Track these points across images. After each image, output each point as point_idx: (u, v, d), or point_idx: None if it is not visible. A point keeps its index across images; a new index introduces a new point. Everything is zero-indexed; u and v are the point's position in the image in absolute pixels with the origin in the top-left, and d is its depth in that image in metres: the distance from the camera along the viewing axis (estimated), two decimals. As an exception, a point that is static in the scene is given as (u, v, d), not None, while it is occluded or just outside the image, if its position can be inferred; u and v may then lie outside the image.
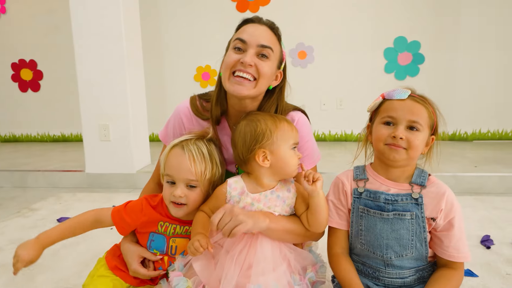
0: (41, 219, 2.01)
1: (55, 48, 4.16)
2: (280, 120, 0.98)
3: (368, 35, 3.83)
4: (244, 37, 0.99)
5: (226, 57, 1.03)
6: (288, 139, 0.96)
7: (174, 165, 0.98)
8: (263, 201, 0.96)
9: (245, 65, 0.97)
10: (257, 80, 1.00)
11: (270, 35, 1.02)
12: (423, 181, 0.93)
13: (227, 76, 1.01)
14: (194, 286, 0.91)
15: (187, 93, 4.28)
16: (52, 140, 4.43)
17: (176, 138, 1.14)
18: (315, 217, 0.95)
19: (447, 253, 0.90)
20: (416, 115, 0.90)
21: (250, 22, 1.04)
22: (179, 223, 1.04)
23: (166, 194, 0.99)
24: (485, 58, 3.72)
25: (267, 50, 0.99)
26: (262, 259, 0.92)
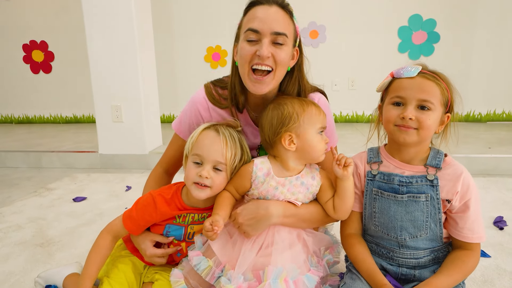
0: (58, 198, 2.07)
1: (65, 29, 4.15)
2: (307, 103, 0.96)
3: (382, 13, 3.72)
4: (255, 26, 0.94)
5: (241, 50, 0.98)
6: (315, 123, 0.95)
7: (206, 145, 0.96)
8: (287, 186, 0.96)
9: (262, 58, 0.93)
10: (275, 69, 0.97)
11: (282, 16, 0.96)
12: (438, 162, 0.90)
13: (246, 71, 0.98)
14: (215, 266, 0.92)
15: (197, 74, 4.27)
16: (64, 121, 4.49)
17: (190, 129, 1.14)
18: (343, 202, 0.95)
19: (462, 234, 0.89)
20: (427, 93, 0.85)
21: (259, 3, 0.97)
22: (197, 211, 1.04)
23: (191, 174, 0.96)
24: (504, 37, 3.59)
25: (282, 37, 0.95)
26: (279, 240, 0.94)
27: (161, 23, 3.83)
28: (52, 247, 1.47)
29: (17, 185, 2.36)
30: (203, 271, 0.92)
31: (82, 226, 1.67)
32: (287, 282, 0.88)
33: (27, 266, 1.32)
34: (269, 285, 0.86)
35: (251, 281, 0.88)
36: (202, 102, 1.13)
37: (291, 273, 0.89)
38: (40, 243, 1.51)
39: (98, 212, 1.83)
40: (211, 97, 1.11)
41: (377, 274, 0.89)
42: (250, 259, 0.90)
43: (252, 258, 0.91)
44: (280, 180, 0.96)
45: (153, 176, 1.24)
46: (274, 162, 0.98)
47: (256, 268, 0.90)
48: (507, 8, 3.53)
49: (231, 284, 0.87)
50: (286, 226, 0.97)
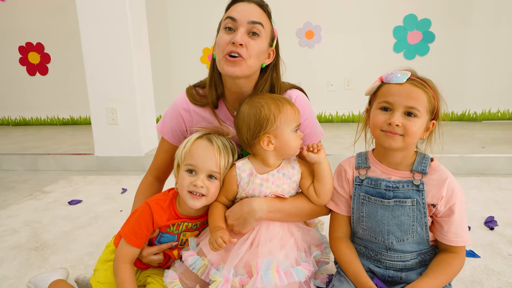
0: (53, 201, 2.08)
1: (61, 31, 4.15)
2: (282, 103, 0.98)
3: (377, 13, 3.74)
4: (234, 15, 0.99)
5: (218, 39, 1.03)
6: (291, 123, 0.97)
7: (200, 155, 0.97)
8: (271, 180, 0.99)
9: (236, 45, 0.96)
10: (247, 59, 0.99)
11: (260, 12, 1.02)
12: (424, 168, 0.92)
13: (221, 57, 1.00)
14: (210, 264, 0.93)
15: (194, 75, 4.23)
16: (61, 123, 4.50)
17: (173, 132, 1.17)
18: (322, 185, 0.99)
19: (447, 238, 0.90)
20: (414, 100, 0.86)
21: (239, 1, 1.02)
22: (190, 220, 1.05)
23: (185, 183, 0.97)
24: (498, 36, 3.61)
25: (257, 26, 0.99)
26: (270, 238, 0.96)
27: (157, 25, 3.84)
28: (47, 251, 1.48)
29: (13, 188, 2.37)
30: (198, 270, 0.93)
31: (77, 229, 1.68)
32: (279, 273, 0.90)
33: (21, 270, 1.33)
34: (261, 278, 0.87)
35: (243, 276, 0.90)
36: (183, 103, 1.15)
37: (281, 264, 0.91)
38: (35, 247, 1.52)
39: (93, 215, 1.84)
40: (191, 97, 1.14)
41: (363, 276, 0.91)
42: (240, 255, 0.92)
43: (242, 253, 0.93)
44: (263, 177, 0.99)
45: (144, 185, 1.24)
46: (254, 161, 1.01)
47: (248, 264, 0.92)
48: (501, 8, 3.54)
49: (220, 276, 0.89)
50: (277, 221, 0.99)
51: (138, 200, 1.19)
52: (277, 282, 0.87)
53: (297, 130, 1.00)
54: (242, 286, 0.89)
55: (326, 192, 1.00)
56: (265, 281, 0.87)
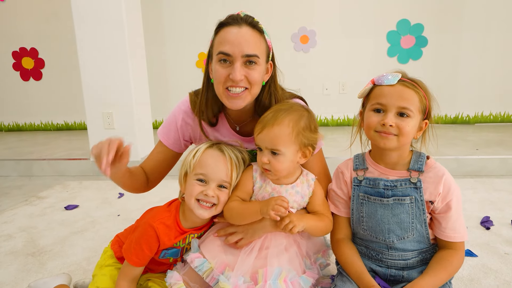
0: (49, 207, 2.06)
1: (56, 36, 4.14)
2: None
3: (370, 18, 3.79)
4: (226, 49, 0.94)
5: (214, 71, 0.99)
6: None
7: (211, 165, 0.96)
8: (283, 194, 0.97)
9: (236, 81, 0.95)
10: (250, 88, 0.98)
11: (253, 35, 0.96)
12: (420, 166, 0.93)
13: (221, 91, 0.98)
14: (216, 267, 0.93)
15: (189, 80, 4.26)
16: (55, 128, 4.46)
17: (175, 140, 1.16)
18: (312, 235, 1.01)
19: (445, 234, 0.92)
20: (406, 101, 0.88)
21: (228, 24, 0.96)
22: (195, 231, 1.04)
23: (194, 191, 0.96)
24: (489, 40, 3.68)
25: (253, 58, 0.95)
26: (276, 244, 0.96)
27: (152, 29, 3.85)
28: (44, 256, 1.46)
29: (8, 194, 2.34)
30: (204, 272, 0.93)
31: (74, 234, 1.67)
32: (286, 282, 0.90)
33: (18, 276, 1.31)
34: (270, 286, 0.88)
35: (249, 284, 0.90)
36: (187, 111, 1.13)
37: (288, 274, 0.91)
38: (32, 252, 1.50)
39: (90, 220, 1.83)
40: (194, 106, 1.11)
41: (366, 275, 0.91)
42: (249, 263, 0.92)
43: (251, 261, 0.93)
44: (275, 187, 0.98)
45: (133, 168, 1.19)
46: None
47: (254, 272, 0.92)
48: (491, 13, 3.62)
49: (229, 284, 0.88)
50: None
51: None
52: None
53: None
54: None
55: (316, 236, 1.03)
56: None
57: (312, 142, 0.97)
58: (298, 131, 0.94)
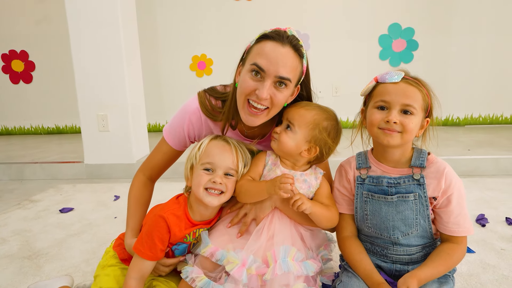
0: (43, 210, 2.02)
1: (47, 38, 4.09)
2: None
3: (363, 22, 3.84)
4: (262, 64, 0.91)
5: (242, 80, 0.97)
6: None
7: (217, 153, 0.98)
8: None
9: (260, 98, 0.93)
10: (271, 109, 0.98)
11: (292, 58, 0.93)
12: (422, 162, 0.94)
13: (242, 102, 0.98)
14: (238, 257, 0.91)
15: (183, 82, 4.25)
16: (46, 132, 4.39)
17: (179, 138, 1.15)
18: (318, 224, 1.00)
19: (448, 228, 0.93)
20: (410, 98, 0.89)
21: (272, 39, 0.93)
22: (204, 224, 1.04)
23: (202, 180, 0.96)
24: (477, 44, 3.77)
25: (285, 81, 0.94)
26: (282, 235, 0.97)
27: (147, 32, 3.84)
28: (41, 259, 1.43)
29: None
30: (224, 261, 0.92)
31: (71, 237, 1.64)
32: (294, 262, 0.92)
33: (15, 279, 1.29)
34: (280, 265, 0.88)
35: (261, 265, 0.90)
36: (195, 111, 1.11)
37: (296, 254, 0.93)
38: (28, 255, 1.47)
39: (87, 223, 1.80)
40: (204, 108, 1.09)
41: (374, 273, 0.92)
42: (259, 242, 0.94)
43: (262, 241, 0.94)
44: (284, 171, 1.01)
45: (138, 184, 1.21)
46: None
47: (263, 257, 0.93)
48: (480, 17, 3.71)
49: (237, 259, 0.89)
50: (287, 215, 1.01)
51: (135, 201, 1.17)
52: (295, 269, 0.89)
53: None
54: (259, 275, 0.89)
55: (324, 226, 1.03)
56: (284, 267, 0.88)
57: (322, 145, 1.00)
58: (318, 125, 0.98)
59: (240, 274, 0.87)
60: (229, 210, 1.07)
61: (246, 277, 0.88)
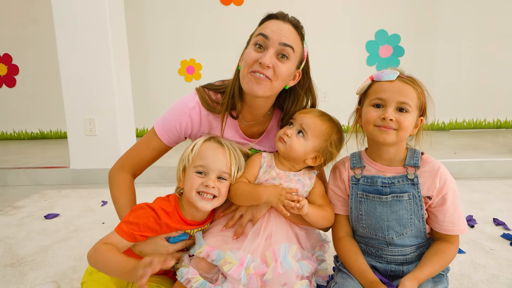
0: (27, 216, 1.95)
1: (31, 42, 4.01)
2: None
3: (350, 28, 3.91)
4: (267, 32, 0.96)
5: (246, 54, 1.00)
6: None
7: (210, 156, 0.96)
8: (284, 179, 1.01)
9: (263, 66, 0.94)
10: (273, 80, 0.98)
11: (294, 34, 0.98)
12: (416, 162, 0.95)
13: (245, 73, 0.98)
14: (236, 257, 0.90)
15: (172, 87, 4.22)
16: (30, 137, 4.28)
17: (173, 133, 1.11)
18: (314, 225, 1.01)
19: (443, 227, 0.94)
20: (405, 96, 0.90)
21: (274, 18, 0.99)
22: (198, 225, 1.02)
23: (195, 184, 0.94)
24: (461, 51, 3.88)
25: (288, 49, 0.96)
26: (278, 235, 0.97)
27: (136, 36, 3.81)
28: (25, 267, 1.38)
29: (-20, 204, 2.21)
30: (220, 261, 0.91)
31: (57, 243, 1.59)
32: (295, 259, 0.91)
33: (-2, 288, 1.23)
34: (281, 264, 0.88)
35: (261, 266, 0.89)
36: (196, 107, 1.08)
37: (296, 252, 0.93)
38: (11, 263, 1.41)
39: (73, 229, 1.75)
40: (205, 102, 1.07)
41: (368, 272, 0.92)
42: (257, 242, 0.93)
43: (260, 241, 0.93)
44: (279, 173, 1.01)
45: (123, 184, 1.12)
46: (278, 158, 1.05)
47: (262, 256, 0.92)
48: (464, 25, 3.82)
49: (235, 259, 0.88)
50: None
51: (125, 197, 1.10)
52: (296, 267, 0.88)
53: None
54: (258, 275, 0.88)
55: (319, 227, 1.03)
56: (286, 266, 0.87)
57: (327, 156, 1.03)
58: (330, 137, 1.01)
59: (239, 273, 0.86)
60: (222, 214, 1.05)
61: (245, 277, 0.86)
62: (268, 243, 0.94)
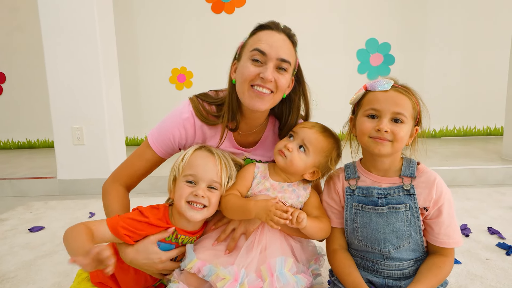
0: (11, 229, 1.88)
1: (18, 49, 3.93)
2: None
3: (341, 36, 3.93)
4: (263, 48, 0.94)
5: (243, 68, 0.97)
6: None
7: (200, 165, 0.94)
8: (278, 190, 0.99)
9: (265, 81, 0.94)
10: (275, 93, 0.98)
11: (289, 45, 0.98)
12: (412, 172, 0.93)
13: (246, 88, 0.97)
14: (230, 273, 0.86)
15: (162, 95, 4.17)
16: (16, 147, 4.18)
17: (166, 145, 1.09)
18: (311, 237, 1.00)
19: (439, 240, 0.92)
20: (401, 106, 0.88)
21: (267, 28, 0.98)
22: (188, 234, 0.98)
23: (184, 193, 0.92)
24: (450, 59, 3.93)
25: (286, 64, 0.96)
26: (273, 243, 0.94)
27: (125, 44, 3.77)
28: (6, 284, 1.31)
29: (-38, 217, 2.13)
30: (211, 277, 0.87)
31: (41, 258, 1.52)
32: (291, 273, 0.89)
33: (-24, 307, 1.17)
34: (277, 277, 0.85)
35: (256, 281, 0.86)
36: (190, 117, 1.06)
37: (292, 266, 0.90)
38: (-8, 280, 1.35)
39: (58, 242, 1.68)
40: (199, 113, 1.05)
41: (362, 286, 0.89)
42: (251, 256, 0.90)
43: (254, 254, 0.90)
44: (274, 183, 0.99)
45: (116, 194, 1.09)
46: (273, 168, 1.03)
47: (257, 270, 0.89)
48: (454, 33, 3.87)
49: (229, 274, 0.85)
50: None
51: (120, 207, 1.06)
52: (293, 281, 0.85)
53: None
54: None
55: (316, 238, 1.01)
56: (283, 280, 0.84)
57: (324, 169, 1.02)
58: (330, 154, 1.00)
59: None
60: (214, 227, 1.02)
61: None
62: (263, 256, 0.91)
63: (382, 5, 3.85)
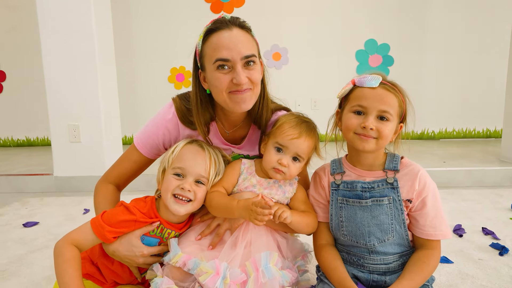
0: (5, 224, 1.89)
1: (17, 48, 3.96)
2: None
3: (340, 37, 3.93)
4: (224, 55, 0.91)
5: (214, 80, 0.94)
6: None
7: (190, 159, 0.94)
8: (264, 186, 0.99)
9: (241, 84, 0.92)
10: (253, 88, 0.97)
11: (245, 37, 0.94)
12: (395, 165, 0.94)
13: (225, 97, 0.95)
14: (211, 267, 0.86)
15: (161, 95, 4.18)
16: (16, 144, 4.19)
17: (152, 146, 1.10)
18: (298, 231, 1.00)
19: (425, 232, 0.91)
20: (387, 104, 0.88)
21: (217, 30, 0.93)
22: (174, 228, 0.98)
23: (171, 186, 0.92)
24: (450, 60, 3.92)
25: (252, 58, 0.94)
26: (258, 243, 0.94)
27: (123, 43, 3.78)
28: (-3, 277, 1.32)
29: (-42, 212, 2.13)
30: (196, 270, 0.87)
31: (33, 252, 1.52)
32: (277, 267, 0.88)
33: (-35, 300, 1.17)
34: (263, 272, 0.84)
35: (240, 275, 0.85)
36: (172, 118, 1.07)
37: (278, 260, 0.90)
38: (-18, 273, 1.35)
39: (51, 237, 1.69)
40: (181, 114, 1.06)
41: (348, 281, 0.89)
42: (236, 251, 0.90)
43: (238, 249, 0.90)
44: (260, 180, 0.99)
45: (105, 194, 1.12)
46: (259, 165, 1.02)
47: (242, 266, 0.88)
48: (452, 35, 3.87)
49: (211, 268, 0.84)
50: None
51: (109, 203, 1.09)
52: (278, 275, 0.85)
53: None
54: (237, 285, 0.84)
55: (303, 232, 1.01)
56: (267, 274, 0.84)
57: (309, 162, 1.04)
58: (315, 148, 1.01)
59: (214, 283, 0.82)
60: (200, 220, 1.02)
61: (222, 286, 0.83)
62: (248, 251, 0.91)
63: (382, 6, 3.85)
